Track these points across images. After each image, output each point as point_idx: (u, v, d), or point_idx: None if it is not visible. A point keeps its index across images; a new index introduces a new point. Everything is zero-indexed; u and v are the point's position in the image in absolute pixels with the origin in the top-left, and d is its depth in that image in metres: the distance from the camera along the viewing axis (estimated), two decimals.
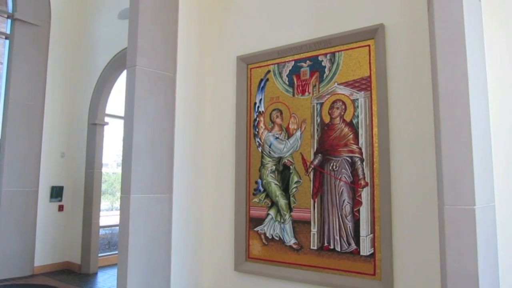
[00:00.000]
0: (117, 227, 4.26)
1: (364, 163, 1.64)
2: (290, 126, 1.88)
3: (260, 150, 1.96)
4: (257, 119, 1.99)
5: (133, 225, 1.72)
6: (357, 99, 1.69)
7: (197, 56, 2.12)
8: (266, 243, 1.89)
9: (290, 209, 1.83)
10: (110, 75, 3.90)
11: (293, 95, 1.88)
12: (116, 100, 4.27)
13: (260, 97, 1.99)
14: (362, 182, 1.64)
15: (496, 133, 1.24)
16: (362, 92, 1.68)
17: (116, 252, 3.92)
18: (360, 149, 1.66)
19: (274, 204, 1.89)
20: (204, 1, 2.18)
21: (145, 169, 1.78)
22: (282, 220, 1.85)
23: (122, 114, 2.06)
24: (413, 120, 1.54)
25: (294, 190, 1.84)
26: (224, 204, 2.06)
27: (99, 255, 3.98)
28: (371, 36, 1.66)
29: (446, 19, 1.15)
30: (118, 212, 2.16)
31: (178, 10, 2.00)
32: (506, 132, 1.23)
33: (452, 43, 1.13)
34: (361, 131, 1.66)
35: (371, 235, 1.60)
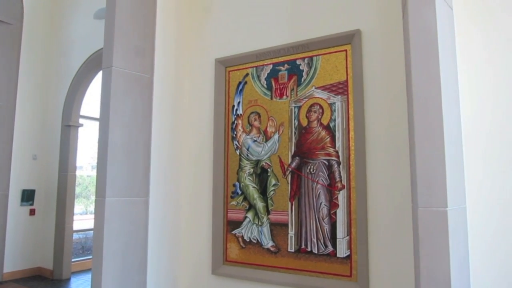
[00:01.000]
0: (91, 231, 4.17)
1: (340, 166, 1.66)
2: (268, 129, 1.88)
3: (238, 153, 1.96)
4: (235, 122, 1.99)
5: (108, 229, 1.69)
6: (334, 103, 1.71)
7: (175, 58, 2.10)
8: (244, 246, 1.89)
9: (268, 212, 1.84)
10: (85, 76, 3.82)
11: (271, 98, 1.89)
12: (91, 102, 4.18)
13: (239, 100, 1.99)
14: (339, 185, 1.66)
15: (467, 137, 1.28)
16: (339, 96, 1.70)
17: (90, 257, 3.83)
18: (337, 152, 1.68)
19: (252, 207, 1.89)
20: (182, 2, 2.17)
21: (120, 172, 1.75)
22: (259, 223, 1.85)
23: (97, 115, 2.02)
24: (388, 124, 1.57)
25: (271, 193, 1.84)
26: (202, 207, 2.04)
27: (73, 260, 3.88)
28: (348, 41, 1.69)
29: (420, 26, 1.18)
30: (92, 216, 2.12)
31: (156, 11, 1.97)
32: (476, 137, 1.28)
33: (426, 49, 1.16)
34: (338, 135, 1.69)
35: (348, 237, 1.62)
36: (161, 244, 1.95)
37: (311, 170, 1.74)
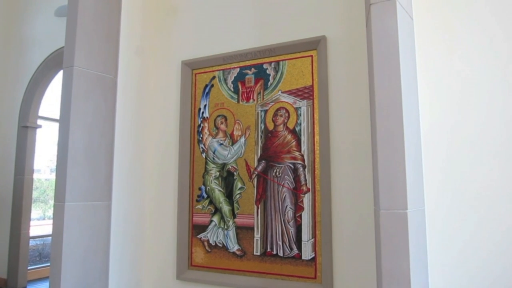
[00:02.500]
0: (50, 238, 4.00)
1: (306, 169, 1.69)
2: (234, 133, 1.88)
3: (204, 156, 1.94)
4: (202, 125, 1.97)
5: (67, 235, 1.62)
6: (300, 107, 1.74)
7: (140, 58, 2.06)
8: (209, 250, 1.87)
9: (234, 215, 1.83)
10: (44, 75, 3.67)
11: (238, 101, 1.89)
12: (51, 102, 4.03)
13: (205, 103, 1.97)
14: (304, 188, 1.68)
15: (426, 142, 1.34)
16: (305, 100, 1.73)
17: (48, 264, 3.67)
18: (303, 156, 1.70)
19: (217, 210, 1.88)
20: (149, 3, 2.13)
21: (81, 175, 1.69)
22: (225, 227, 1.85)
23: (57, 116, 1.95)
24: (352, 129, 1.61)
25: (238, 196, 1.84)
26: (166, 211, 2.01)
27: (29, 268, 3.71)
28: (314, 47, 1.72)
29: (382, 35, 1.22)
30: (50, 222, 2.03)
31: (121, 10, 1.93)
32: (435, 142, 1.33)
33: (388, 57, 1.20)
34: (304, 139, 1.71)
35: (312, 240, 1.64)
36: (123, 250, 1.89)
37: (277, 173, 1.75)
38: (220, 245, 1.85)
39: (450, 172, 1.32)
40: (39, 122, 3.75)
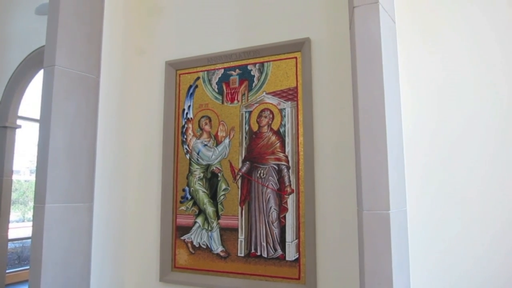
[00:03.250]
0: (29, 240, 3.91)
1: (290, 170, 1.69)
2: (218, 134, 1.88)
3: (188, 157, 1.93)
4: (186, 125, 1.96)
5: (47, 237, 1.59)
6: (284, 109, 1.74)
7: (123, 58, 2.03)
8: (193, 251, 1.86)
9: (218, 216, 1.83)
10: (24, 75, 3.60)
11: (222, 102, 1.88)
12: (31, 102, 3.95)
13: (189, 104, 1.96)
14: (288, 189, 1.69)
15: (408, 144, 1.36)
16: (289, 102, 1.74)
17: (27, 267, 3.59)
18: (287, 157, 1.71)
19: (201, 212, 1.87)
20: (132, 1, 2.11)
21: (62, 177, 1.66)
22: (209, 228, 1.84)
23: (37, 116, 1.91)
24: (336, 130, 1.63)
25: (222, 197, 1.83)
26: (150, 213, 1.99)
27: (7, 271, 3.62)
28: (298, 48, 1.73)
29: (365, 38, 1.23)
30: (30, 224, 1.99)
31: (104, 9, 1.90)
32: (416, 144, 1.36)
33: (371, 60, 1.22)
34: (288, 140, 1.72)
35: (296, 241, 1.65)
36: (105, 252, 1.87)
37: (261, 174, 1.75)
38: (204, 247, 1.84)
39: (431, 173, 1.34)
40: (19, 122, 3.67)
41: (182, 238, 1.90)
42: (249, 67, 1.84)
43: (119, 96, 2.00)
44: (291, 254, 1.65)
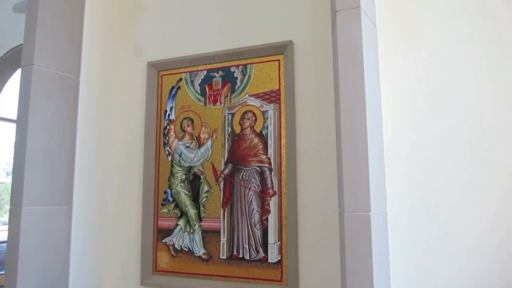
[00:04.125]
0: (5, 244, 3.80)
1: (272, 172, 1.70)
2: (201, 135, 1.87)
3: (170, 159, 1.92)
4: (167, 127, 1.94)
5: (24, 241, 1.55)
6: (267, 111, 1.75)
7: (104, 58, 2.00)
8: (175, 254, 1.84)
9: (200, 219, 1.82)
10: (1, 74, 3.50)
11: (205, 104, 1.88)
12: (8, 102, 3.84)
13: (171, 105, 1.95)
14: (271, 191, 1.69)
15: (388, 147, 1.38)
16: (272, 104, 1.74)
17: (3, 272, 3.49)
18: (269, 159, 1.71)
19: (183, 214, 1.85)
20: (114, 1, 2.08)
21: (40, 179, 1.62)
22: (191, 231, 1.82)
23: (14, 117, 1.86)
24: (318, 133, 1.64)
25: (204, 199, 1.82)
26: (130, 216, 1.96)
27: None
28: (281, 51, 1.74)
29: (347, 41, 1.25)
30: (6, 227, 1.93)
31: (84, 7, 1.87)
32: (397, 146, 1.38)
33: (352, 63, 1.24)
34: (270, 142, 1.72)
35: (279, 243, 1.65)
36: (84, 256, 1.83)
37: (244, 176, 1.75)
38: (186, 249, 1.82)
39: (411, 175, 1.37)
40: None
41: (163, 241, 1.87)
42: (232, 69, 1.84)
43: (100, 96, 1.97)
44: (273, 256, 1.65)
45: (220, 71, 1.86)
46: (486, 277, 1.27)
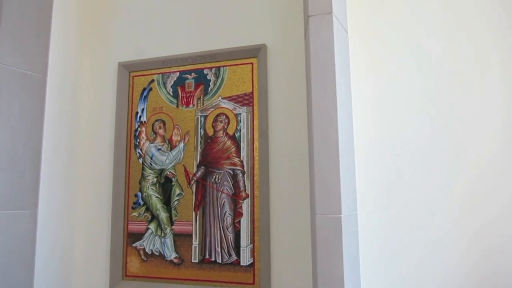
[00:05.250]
0: None
1: (245, 175, 1.70)
2: (173, 138, 1.85)
3: (141, 162, 1.88)
4: (139, 129, 1.91)
5: None
6: (240, 114, 1.75)
7: (73, 58, 1.95)
8: (145, 259, 1.81)
9: (171, 222, 1.79)
10: None
11: (177, 106, 1.86)
12: None
13: (143, 107, 1.92)
14: (243, 194, 1.69)
15: (358, 151, 1.41)
16: (245, 107, 1.74)
17: None
18: (242, 162, 1.71)
19: (154, 217, 1.82)
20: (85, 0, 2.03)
21: (3, 182, 1.56)
22: (162, 234, 1.80)
23: None
24: (290, 136, 1.66)
25: (176, 203, 1.80)
26: (99, 220, 1.91)
27: None
28: (254, 54, 1.74)
29: (319, 46, 1.27)
30: None
31: (52, 6, 1.82)
32: (366, 149, 1.41)
33: (324, 68, 1.26)
34: (243, 145, 1.72)
35: (251, 245, 1.65)
36: (51, 262, 1.77)
37: (216, 179, 1.74)
38: (157, 254, 1.79)
39: (381, 178, 1.40)
40: None
41: (133, 245, 1.84)
42: (205, 71, 1.83)
43: (68, 97, 1.92)
44: (245, 259, 1.65)
45: (193, 73, 1.85)
46: (454, 277, 1.32)
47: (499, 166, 1.35)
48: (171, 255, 1.77)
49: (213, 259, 1.70)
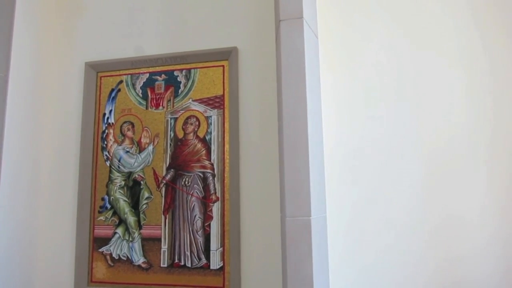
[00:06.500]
0: None
1: (215, 178, 1.69)
2: (142, 140, 1.81)
3: (108, 164, 1.83)
4: (106, 131, 1.86)
5: None
6: (211, 116, 1.74)
7: (37, 57, 1.88)
8: (112, 264, 1.76)
9: (140, 226, 1.76)
10: None
11: (147, 108, 1.83)
12: None
13: (110, 108, 1.87)
14: (214, 197, 1.68)
15: (328, 153, 1.43)
16: (216, 109, 1.74)
17: None
18: (212, 164, 1.70)
19: (122, 221, 1.78)
20: None
21: None
22: (130, 239, 1.76)
23: None
24: (261, 139, 1.66)
25: (144, 206, 1.77)
26: (64, 224, 1.85)
27: None
28: (226, 57, 1.74)
29: (290, 50, 1.28)
30: None
31: (15, 4, 1.75)
32: (336, 152, 1.44)
33: (295, 72, 1.27)
34: (214, 147, 1.71)
35: (221, 249, 1.64)
36: (11, 268, 1.69)
37: (186, 182, 1.72)
38: (124, 258, 1.75)
39: (350, 181, 1.43)
40: None
41: (100, 250, 1.79)
42: (175, 73, 1.81)
43: (31, 97, 1.84)
44: (215, 263, 1.64)
45: (163, 75, 1.83)
46: (426, 278, 1.36)
47: (463, 160, 1.41)
48: (139, 259, 1.74)
49: (182, 263, 1.68)
